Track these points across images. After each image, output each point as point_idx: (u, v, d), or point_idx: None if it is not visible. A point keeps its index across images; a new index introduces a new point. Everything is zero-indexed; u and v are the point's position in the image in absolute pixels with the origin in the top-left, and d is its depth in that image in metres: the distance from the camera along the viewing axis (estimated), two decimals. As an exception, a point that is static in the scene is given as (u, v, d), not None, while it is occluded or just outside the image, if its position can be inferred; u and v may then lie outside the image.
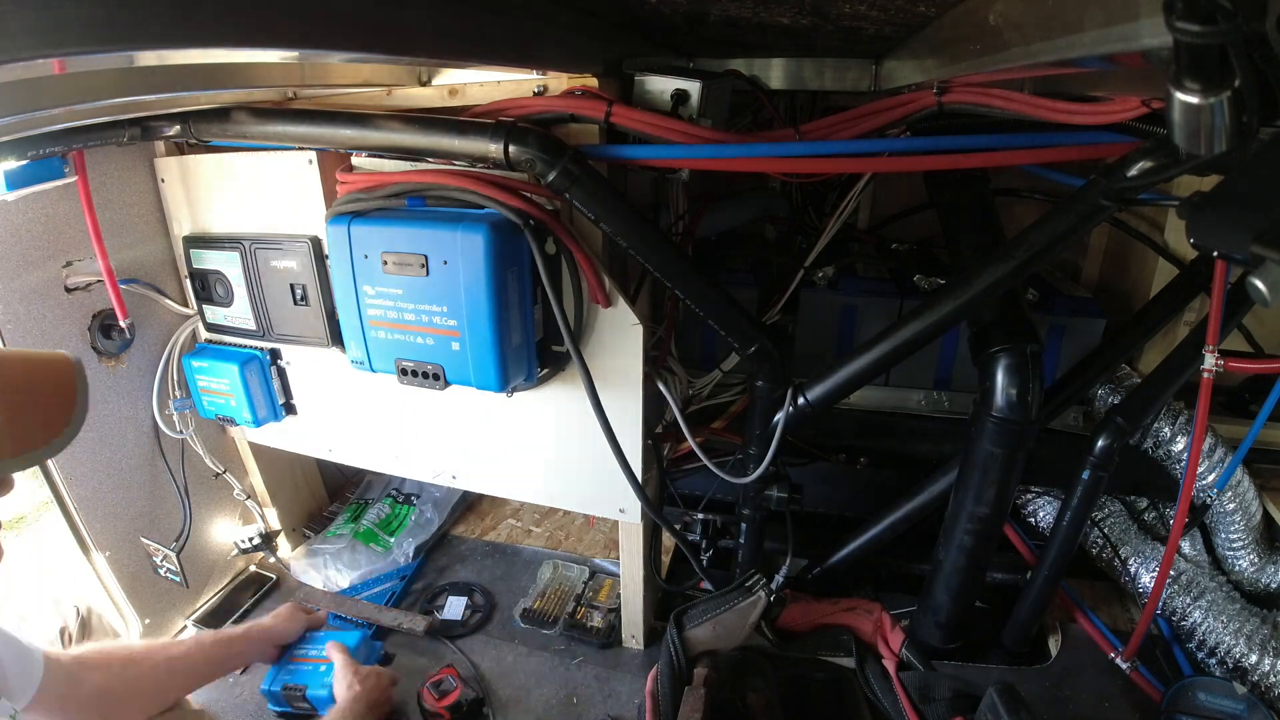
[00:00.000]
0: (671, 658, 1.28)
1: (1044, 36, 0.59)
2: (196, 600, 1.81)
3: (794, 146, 1.17)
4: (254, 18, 0.59)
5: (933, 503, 1.61)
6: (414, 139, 1.14)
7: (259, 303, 1.50)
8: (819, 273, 1.83)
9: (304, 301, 1.44)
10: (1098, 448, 1.40)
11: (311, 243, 1.39)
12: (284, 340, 1.55)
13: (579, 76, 1.18)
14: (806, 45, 1.41)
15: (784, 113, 2.02)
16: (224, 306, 1.56)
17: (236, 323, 1.57)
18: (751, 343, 1.31)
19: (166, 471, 1.69)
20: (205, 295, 1.58)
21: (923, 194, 2.05)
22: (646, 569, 1.58)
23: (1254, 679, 1.46)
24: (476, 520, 2.20)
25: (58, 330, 1.45)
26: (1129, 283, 1.92)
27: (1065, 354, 1.76)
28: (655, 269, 1.21)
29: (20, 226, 1.36)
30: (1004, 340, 1.27)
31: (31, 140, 1.15)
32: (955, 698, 1.34)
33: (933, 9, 0.92)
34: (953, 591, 1.50)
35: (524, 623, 1.76)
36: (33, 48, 0.46)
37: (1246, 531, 1.58)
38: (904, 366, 1.80)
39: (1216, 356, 1.29)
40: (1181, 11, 0.35)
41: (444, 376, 1.20)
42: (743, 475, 1.46)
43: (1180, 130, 0.45)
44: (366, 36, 0.74)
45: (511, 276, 1.15)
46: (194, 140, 1.30)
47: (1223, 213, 0.48)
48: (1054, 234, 1.09)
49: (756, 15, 1.04)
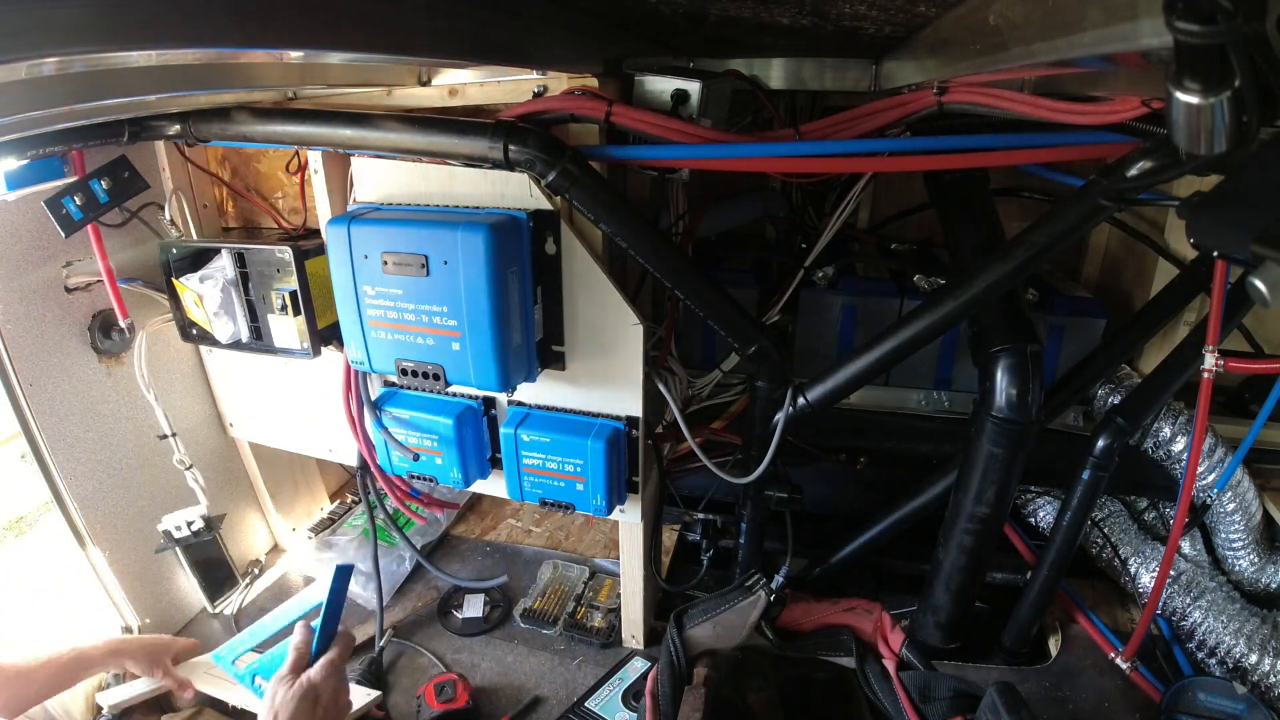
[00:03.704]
0: (671, 657, 1.28)
1: (1044, 36, 0.59)
2: (196, 600, 1.81)
3: (794, 146, 1.17)
4: (255, 18, 0.59)
5: (933, 503, 1.61)
6: (414, 139, 1.14)
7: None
8: (819, 273, 1.83)
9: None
10: (1098, 448, 1.40)
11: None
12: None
13: (579, 76, 1.18)
14: (806, 45, 1.41)
15: (784, 113, 2.02)
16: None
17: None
18: (751, 343, 1.31)
19: (166, 471, 1.68)
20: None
21: (923, 194, 2.05)
22: (646, 569, 1.58)
23: (1254, 679, 1.47)
24: (477, 520, 2.20)
25: (58, 330, 1.45)
26: (1129, 283, 1.92)
27: (1065, 354, 1.76)
28: (655, 269, 1.21)
29: (20, 226, 1.36)
30: (1004, 340, 1.27)
31: (31, 140, 1.15)
32: (955, 697, 1.34)
33: (933, 9, 0.92)
34: (953, 591, 1.50)
35: (524, 622, 1.76)
36: (32, 48, 0.46)
37: (1246, 531, 1.58)
38: (904, 366, 1.80)
39: (1216, 356, 1.29)
40: (1181, 11, 0.35)
41: (444, 377, 1.20)
42: (742, 475, 1.46)
43: (1180, 130, 0.45)
44: (366, 36, 0.74)
45: (512, 276, 1.15)
46: (194, 140, 1.30)
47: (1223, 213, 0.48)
48: (1054, 234, 1.09)
49: (756, 15, 1.04)
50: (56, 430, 1.46)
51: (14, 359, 1.37)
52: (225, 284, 1.48)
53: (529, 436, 1.35)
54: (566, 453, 1.34)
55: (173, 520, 1.69)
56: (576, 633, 1.71)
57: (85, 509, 1.52)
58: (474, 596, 1.83)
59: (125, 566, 1.61)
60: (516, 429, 1.36)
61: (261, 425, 1.82)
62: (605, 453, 1.30)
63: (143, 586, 1.66)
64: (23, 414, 1.41)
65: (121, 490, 1.60)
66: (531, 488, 1.40)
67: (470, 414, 1.42)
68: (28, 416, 1.42)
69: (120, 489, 1.60)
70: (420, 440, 1.41)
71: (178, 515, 1.69)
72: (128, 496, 1.62)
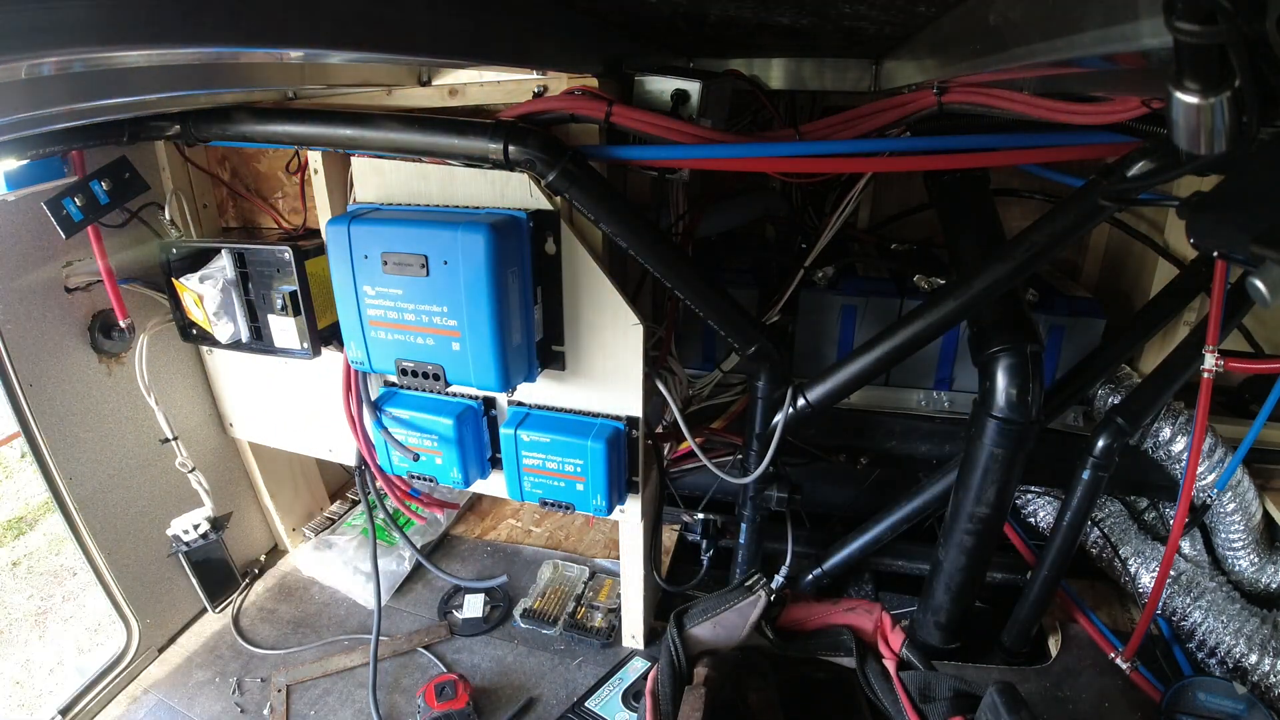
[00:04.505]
0: (672, 657, 1.28)
1: (1044, 36, 0.59)
2: (195, 600, 1.81)
3: (794, 146, 1.17)
4: (256, 18, 0.59)
5: (933, 503, 1.61)
6: (414, 139, 1.14)
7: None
8: (819, 273, 1.83)
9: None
10: (1098, 448, 1.40)
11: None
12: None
13: (579, 76, 1.18)
14: (806, 45, 1.41)
15: (784, 113, 2.02)
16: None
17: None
18: (751, 343, 1.31)
19: (167, 472, 1.68)
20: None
21: (923, 194, 2.05)
22: (646, 569, 1.58)
23: (1254, 679, 1.46)
24: (476, 520, 2.20)
25: (58, 330, 1.45)
26: (1129, 283, 1.92)
27: (1065, 354, 1.76)
28: (655, 269, 1.21)
29: (20, 226, 1.36)
30: (1004, 340, 1.27)
31: (31, 140, 1.15)
32: (955, 697, 1.33)
33: (933, 9, 0.92)
34: (953, 591, 1.50)
35: (524, 622, 1.76)
36: (32, 48, 0.46)
37: (1246, 531, 1.58)
38: (904, 366, 1.80)
39: (1216, 356, 1.29)
40: (1181, 11, 0.35)
41: (444, 377, 1.20)
42: (742, 475, 1.45)
43: (1180, 130, 0.45)
44: (366, 36, 0.74)
45: (512, 276, 1.15)
46: (194, 140, 1.29)
47: (1223, 213, 0.48)
48: (1054, 234, 1.09)
49: (756, 15, 1.04)
50: (56, 430, 1.46)
51: (14, 359, 1.37)
52: (225, 284, 1.48)
53: (529, 437, 1.35)
54: (566, 453, 1.34)
55: (180, 524, 1.69)
56: (576, 633, 1.71)
57: (85, 509, 1.52)
58: (474, 596, 1.83)
59: (125, 567, 1.61)
60: (517, 429, 1.36)
61: (261, 425, 1.82)
62: (605, 453, 1.30)
63: (143, 587, 1.66)
64: (23, 414, 1.41)
65: (122, 491, 1.60)
66: (531, 488, 1.40)
67: (470, 414, 1.42)
68: (28, 416, 1.42)
69: (120, 489, 1.60)
70: (420, 440, 1.41)
71: (184, 519, 1.70)
72: (128, 497, 1.62)
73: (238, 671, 1.65)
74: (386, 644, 1.69)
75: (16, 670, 2.65)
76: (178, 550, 1.68)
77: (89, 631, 2.81)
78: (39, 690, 2.54)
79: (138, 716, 1.55)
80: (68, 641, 2.73)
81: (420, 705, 1.46)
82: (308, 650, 1.71)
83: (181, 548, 1.69)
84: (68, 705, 1.52)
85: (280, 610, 1.84)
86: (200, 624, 1.80)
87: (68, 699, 1.53)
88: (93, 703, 1.56)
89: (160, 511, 1.68)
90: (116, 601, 1.62)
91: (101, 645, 1.66)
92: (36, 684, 2.57)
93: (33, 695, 2.53)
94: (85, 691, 1.55)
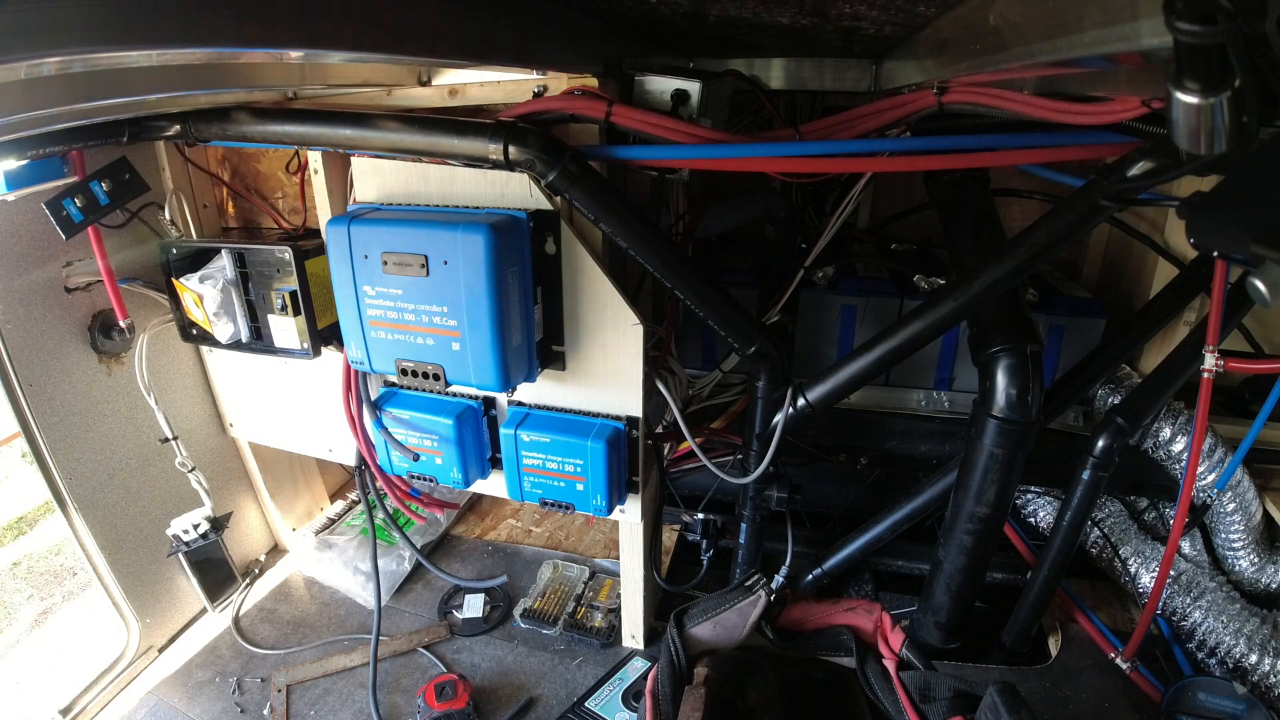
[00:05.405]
0: (672, 657, 1.28)
1: (1044, 36, 0.59)
2: (195, 600, 1.81)
3: (794, 146, 1.17)
4: (256, 18, 0.59)
5: (933, 503, 1.61)
6: (414, 139, 1.14)
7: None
8: (819, 273, 1.83)
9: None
10: (1098, 448, 1.40)
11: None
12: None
13: (579, 76, 1.18)
14: (807, 45, 1.41)
15: (784, 113, 2.02)
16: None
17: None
18: (751, 343, 1.31)
19: (167, 472, 1.68)
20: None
21: (923, 194, 2.05)
22: (646, 569, 1.58)
23: (1254, 679, 1.46)
24: (476, 520, 2.20)
25: (58, 330, 1.45)
26: (1129, 283, 1.92)
27: (1065, 354, 1.76)
28: (655, 269, 1.21)
29: (20, 226, 1.36)
30: (1004, 340, 1.27)
31: (31, 140, 1.15)
32: (955, 697, 1.33)
33: (933, 9, 0.92)
34: (953, 591, 1.50)
35: (524, 622, 1.76)
36: (32, 48, 0.46)
37: (1246, 531, 1.58)
38: (904, 366, 1.80)
39: (1216, 356, 1.29)
40: (1181, 11, 0.35)
41: (444, 377, 1.20)
42: (742, 475, 1.45)
43: (1180, 130, 0.45)
44: (366, 36, 0.74)
45: (512, 276, 1.15)
46: (194, 140, 1.29)
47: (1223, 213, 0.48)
48: (1054, 234, 1.09)
49: (756, 15, 1.04)
50: (56, 430, 1.46)
51: (14, 359, 1.37)
52: (225, 284, 1.48)
53: (529, 436, 1.35)
54: (566, 453, 1.34)
55: (180, 524, 1.69)
56: (576, 633, 1.71)
57: (85, 509, 1.52)
58: (474, 596, 1.83)
59: (125, 567, 1.61)
60: (517, 429, 1.36)
61: (261, 425, 1.82)
62: (605, 453, 1.31)
63: (143, 587, 1.66)
64: (23, 414, 1.41)
65: (121, 491, 1.60)
66: (531, 488, 1.40)
67: (470, 414, 1.42)
68: (28, 416, 1.42)
69: (120, 489, 1.60)
70: (420, 440, 1.41)
71: (184, 519, 1.69)
72: (128, 497, 1.62)
73: (238, 671, 1.65)
74: (386, 644, 1.69)
75: (16, 670, 2.66)
76: (178, 550, 1.68)
77: (89, 632, 2.81)
78: (39, 690, 2.54)
79: (138, 716, 1.54)
80: (68, 642, 2.73)
81: (420, 705, 1.46)
82: (308, 650, 1.71)
83: (181, 548, 1.68)
84: (68, 705, 1.52)
85: (280, 610, 1.84)
86: (200, 624, 1.80)
87: (68, 699, 1.53)
88: (93, 703, 1.56)
89: (160, 511, 1.68)
90: (116, 601, 1.62)
91: (101, 645, 1.66)
92: (36, 684, 2.57)
93: (33, 695, 2.53)
94: (85, 691, 1.55)
